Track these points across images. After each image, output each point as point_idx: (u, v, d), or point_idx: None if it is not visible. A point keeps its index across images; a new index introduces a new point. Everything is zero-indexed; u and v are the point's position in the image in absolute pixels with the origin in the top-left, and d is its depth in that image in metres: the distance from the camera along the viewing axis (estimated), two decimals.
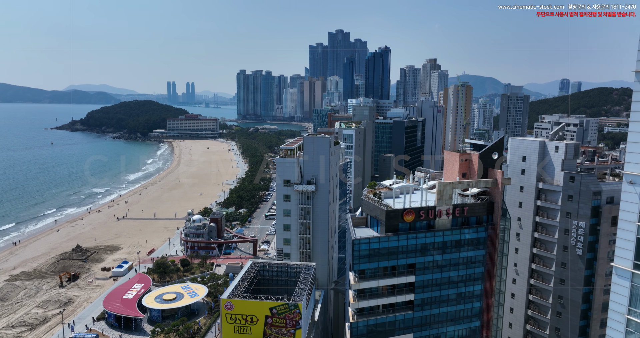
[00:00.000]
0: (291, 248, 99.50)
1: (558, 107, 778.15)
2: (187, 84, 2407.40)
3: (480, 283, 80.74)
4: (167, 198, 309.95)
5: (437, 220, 76.44)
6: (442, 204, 76.29)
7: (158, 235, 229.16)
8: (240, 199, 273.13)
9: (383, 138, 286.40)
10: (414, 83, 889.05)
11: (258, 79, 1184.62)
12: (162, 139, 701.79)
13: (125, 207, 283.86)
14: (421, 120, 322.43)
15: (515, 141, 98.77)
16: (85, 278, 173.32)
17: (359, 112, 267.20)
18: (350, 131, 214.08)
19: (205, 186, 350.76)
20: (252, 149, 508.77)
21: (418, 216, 75.35)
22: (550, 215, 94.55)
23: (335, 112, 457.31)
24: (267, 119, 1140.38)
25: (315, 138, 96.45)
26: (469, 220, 79.36)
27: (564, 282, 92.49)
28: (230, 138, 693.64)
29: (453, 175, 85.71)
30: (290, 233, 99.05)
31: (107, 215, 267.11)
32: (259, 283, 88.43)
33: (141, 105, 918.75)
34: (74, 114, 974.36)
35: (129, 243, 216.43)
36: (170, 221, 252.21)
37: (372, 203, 78.35)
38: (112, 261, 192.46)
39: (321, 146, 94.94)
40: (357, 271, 72.87)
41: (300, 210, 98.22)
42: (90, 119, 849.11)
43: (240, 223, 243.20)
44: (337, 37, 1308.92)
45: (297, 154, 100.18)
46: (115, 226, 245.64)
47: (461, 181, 78.11)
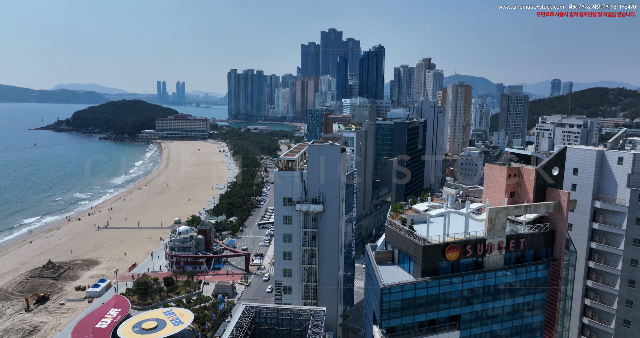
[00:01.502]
0: (292, 281, 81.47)
1: (554, 108, 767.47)
2: (177, 83, 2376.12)
3: (539, 336, 63.03)
4: (153, 204, 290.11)
5: (487, 256, 58.69)
6: (493, 235, 58.60)
7: (141, 247, 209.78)
8: (231, 207, 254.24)
9: (383, 140, 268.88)
10: (409, 83, 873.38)
11: (249, 78, 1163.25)
12: (150, 140, 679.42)
13: (107, 214, 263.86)
14: (422, 121, 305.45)
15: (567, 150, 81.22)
16: (56, 300, 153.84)
17: (359, 113, 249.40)
18: (351, 133, 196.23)
19: (193, 190, 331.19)
20: (244, 150, 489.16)
21: (463, 253, 57.61)
22: (611, 241, 77.18)
23: (331, 112, 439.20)
24: (258, 119, 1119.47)
25: (322, 146, 78.36)
26: (525, 255, 61.71)
27: (630, 324, 75.14)
28: (221, 139, 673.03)
29: (497, 195, 68.02)
30: (292, 262, 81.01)
31: (87, 224, 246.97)
32: (254, 334, 70.14)
33: (129, 105, 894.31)
34: (61, 114, 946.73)
35: (108, 257, 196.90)
36: (155, 231, 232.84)
37: (400, 234, 60.48)
38: (89, 278, 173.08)
39: (330, 156, 77.00)
40: (386, 328, 54.94)
41: (304, 235, 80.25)
42: (76, 119, 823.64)
43: (231, 233, 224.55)
44: (330, 36, 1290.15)
45: (298, 165, 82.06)
46: (95, 236, 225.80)
47: (517, 206, 60.34)
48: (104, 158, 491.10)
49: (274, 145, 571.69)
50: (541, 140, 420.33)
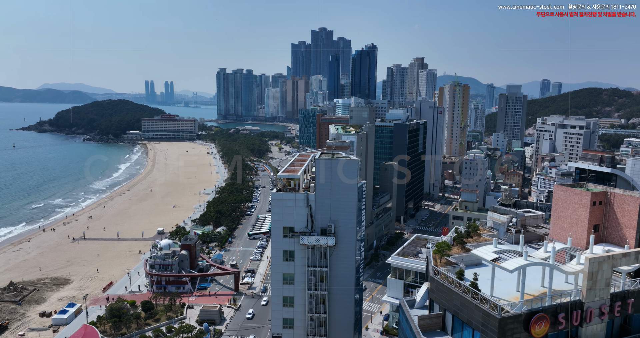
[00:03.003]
0: (294, 334, 62.76)
1: (549, 108, 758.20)
2: (166, 83, 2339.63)
3: None
4: (135, 212, 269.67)
5: (585, 326, 40.54)
6: (594, 296, 40.48)
7: (119, 262, 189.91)
8: (219, 215, 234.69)
9: (382, 142, 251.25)
10: (402, 82, 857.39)
11: (239, 78, 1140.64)
12: (136, 141, 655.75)
13: (85, 224, 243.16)
14: (423, 122, 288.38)
15: None
16: (15, 330, 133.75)
17: (357, 114, 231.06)
18: (351, 137, 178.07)
19: (179, 196, 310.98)
20: (233, 152, 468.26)
21: (554, 323, 39.41)
22: None
23: (324, 113, 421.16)
24: (248, 120, 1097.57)
25: (335, 160, 59.86)
26: (631, 320, 43.59)
27: None
28: (210, 140, 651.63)
29: (574, 228, 49.98)
30: (294, 310, 62.47)
31: (61, 235, 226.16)
32: None
33: (115, 104, 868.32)
34: (45, 114, 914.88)
35: (82, 274, 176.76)
36: (135, 243, 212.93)
37: (456, 292, 42.11)
38: (57, 301, 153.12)
39: (346, 172, 58.66)
40: None
41: (310, 275, 61.75)
42: (59, 120, 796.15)
43: (219, 246, 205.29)
44: (320, 35, 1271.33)
45: (302, 184, 63.45)
46: (68, 249, 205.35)
47: (626, 253, 42.14)
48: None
49: (265, 146, 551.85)
50: (541, 142, 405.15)
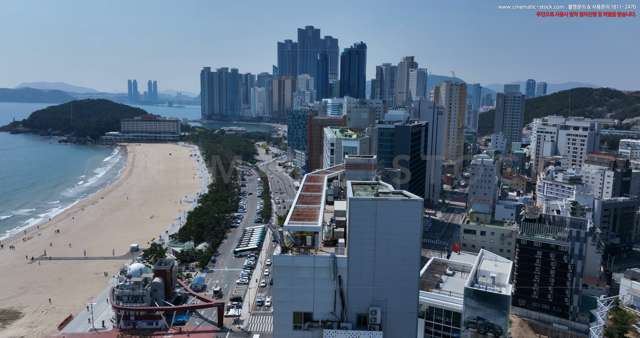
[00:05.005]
0: None
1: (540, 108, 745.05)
2: (149, 82, 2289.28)
3: None
4: (107, 224, 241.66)
5: None
6: None
7: (83, 288, 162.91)
8: (200, 230, 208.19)
9: (383, 146, 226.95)
10: (391, 82, 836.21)
11: (224, 77, 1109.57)
12: (115, 142, 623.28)
13: (48, 239, 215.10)
14: (424, 124, 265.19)
15: None
16: None
17: (356, 115, 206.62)
18: (353, 142, 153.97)
19: (158, 204, 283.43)
20: (218, 155, 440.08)
21: None
22: None
23: (315, 113, 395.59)
24: (233, 120, 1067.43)
25: (383, 202, 34.77)
26: None
27: None
28: (193, 141, 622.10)
29: None
30: None
31: (19, 254, 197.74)
32: None
33: (94, 104, 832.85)
34: (21, 114, 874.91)
35: (36, 305, 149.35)
36: (104, 262, 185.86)
37: None
38: None
39: (405, 222, 33.64)
40: None
41: None
42: (34, 120, 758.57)
43: (200, 266, 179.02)
44: (307, 33, 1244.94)
45: (322, 237, 38.34)
46: (24, 272, 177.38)
47: None
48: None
49: (251, 148, 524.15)
50: (542, 144, 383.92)
